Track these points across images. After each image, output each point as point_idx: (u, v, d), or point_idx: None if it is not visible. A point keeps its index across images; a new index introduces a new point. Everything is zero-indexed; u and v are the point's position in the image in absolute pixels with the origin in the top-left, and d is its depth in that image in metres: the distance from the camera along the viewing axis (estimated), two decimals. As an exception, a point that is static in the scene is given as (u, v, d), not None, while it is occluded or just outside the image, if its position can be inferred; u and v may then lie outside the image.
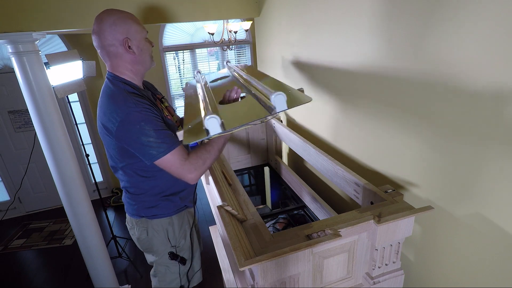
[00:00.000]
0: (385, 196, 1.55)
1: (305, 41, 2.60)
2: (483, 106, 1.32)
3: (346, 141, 2.29)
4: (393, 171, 1.89)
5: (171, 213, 1.98)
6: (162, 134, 1.63)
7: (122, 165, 1.82)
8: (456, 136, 1.46)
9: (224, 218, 1.39)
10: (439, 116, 1.52)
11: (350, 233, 1.37)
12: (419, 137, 1.67)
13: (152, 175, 1.86)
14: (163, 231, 1.99)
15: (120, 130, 1.61)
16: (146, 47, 1.77)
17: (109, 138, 1.69)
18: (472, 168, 1.43)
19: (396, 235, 1.43)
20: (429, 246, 1.75)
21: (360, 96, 2.04)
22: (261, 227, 1.41)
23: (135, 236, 2.03)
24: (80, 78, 3.67)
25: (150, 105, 1.70)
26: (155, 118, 1.66)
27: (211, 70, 7.49)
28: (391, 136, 1.85)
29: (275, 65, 3.38)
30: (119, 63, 1.75)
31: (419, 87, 1.59)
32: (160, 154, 1.62)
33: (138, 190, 1.91)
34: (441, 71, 1.45)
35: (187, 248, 2.08)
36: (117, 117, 1.60)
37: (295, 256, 1.27)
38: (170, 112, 1.98)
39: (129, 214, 2.02)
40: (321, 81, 2.48)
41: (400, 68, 1.68)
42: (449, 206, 1.58)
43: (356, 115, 2.13)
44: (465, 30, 1.33)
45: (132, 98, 1.65)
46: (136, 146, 1.63)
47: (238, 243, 1.27)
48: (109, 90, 1.72)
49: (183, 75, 7.41)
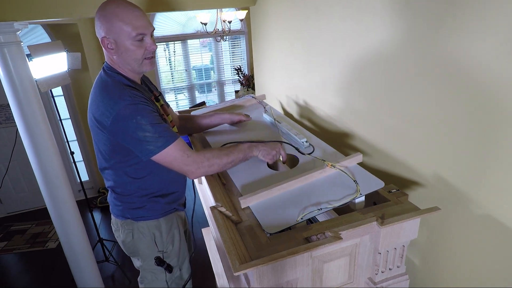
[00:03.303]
0: (389, 196, 1.54)
1: (305, 30, 2.59)
2: (501, 104, 1.32)
3: (347, 137, 2.29)
4: (398, 170, 1.89)
5: (158, 216, 1.97)
6: (159, 128, 1.63)
7: (113, 162, 1.81)
8: (468, 133, 1.46)
9: (218, 219, 1.39)
10: (450, 111, 1.52)
11: (352, 235, 1.36)
12: (426, 133, 1.66)
13: (142, 177, 1.86)
14: (150, 234, 1.98)
15: (115, 124, 1.61)
16: (132, 49, 1.69)
17: (102, 132, 1.69)
18: (483, 167, 1.43)
19: (401, 237, 1.42)
20: (435, 249, 1.75)
21: (365, 88, 2.03)
22: (257, 229, 1.40)
23: (120, 238, 2.02)
24: (65, 71, 3.65)
25: (147, 99, 1.70)
26: (152, 112, 1.65)
27: (203, 62, 7.47)
28: (394, 132, 1.85)
29: (272, 57, 3.37)
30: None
31: (435, 80, 1.58)
32: (158, 149, 1.62)
33: (125, 190, 1.90)
34: (460, 64, 1.45)
35: (175, 254, 2.07)
36: (112, 111, 1.59)
37: (293, 260, 1.26)
38: (165, 111, 1.97)
39: (114, 215, 2.01)
40: (323, 72, 2.47)
41: (413, 59, 1.67)
42: (457, 207, 1.57)
43: (358, 109, 2.12)
44: (488, 23, 1.33)
45: (128, 91, 1.64)
46: (132, 142, 1.63)
47: (233, 246, 1.26)
48: (104, 82, 1.71)
49: (174, 67, 7.40)
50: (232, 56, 7.86)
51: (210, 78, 7.90)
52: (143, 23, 1.67)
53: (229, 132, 2.32)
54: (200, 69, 7.77)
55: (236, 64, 7.71)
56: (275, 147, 1.81)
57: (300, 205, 1.47)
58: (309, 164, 1.79)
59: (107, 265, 4.42)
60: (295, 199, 1.52)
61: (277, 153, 1.80)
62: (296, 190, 1.58)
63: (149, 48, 1.72)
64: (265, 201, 1.54)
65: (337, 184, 1.58)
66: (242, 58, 7.90)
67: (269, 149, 1.79)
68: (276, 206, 1.50)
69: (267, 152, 1.78)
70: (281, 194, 1.57)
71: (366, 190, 1.50)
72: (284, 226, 1.37)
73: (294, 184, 1.60)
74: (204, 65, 7.77)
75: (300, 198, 1.53)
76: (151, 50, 1.73)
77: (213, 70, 7.86)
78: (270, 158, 1.79)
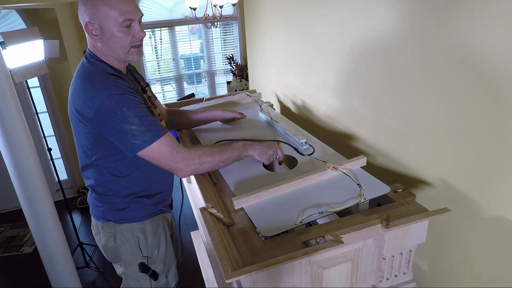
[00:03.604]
0: (395, 196, 1.54)
1: (304, 19, 2.58)
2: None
3: (349, 132, 2.29)
4: (404, 168, 1.88)
5: (143, 218, 1.96)
6: (146, 121, 1.62)
7: (95, 158, 1.80)
8: (480, 127, 1.45)
9: (208, 222, 1.38)
10: (458, 108, 1.51)
11: (354, 239, 1.36)
12: (435, 128, 1.66)
13: (126, 175, 1.85)
14: (133, 238, 1.96)
15: (98, 116, 1.60)
16: (119, 36, 1.68)
17: (83, 125, 1.68)
18: (498, 164, 1.42)
19: (407, 241, 1.42)
20: (445, 254, 1.75)
21: (367, 80, 2.03)
22: (251, 232, 1.40)
23: (101, 242, 2.01)
24: (42, 60, 3.64)
25: (133, 89, 1.69)
26: (139, 103, 1.65)
27: (193, 50, 7.46)
28: (400, 126, 1.85)
29: (267, 45, 3.36)
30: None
31: (441, 70, 1.58)
32: (144, 144, 1.61)
33: (107, 190, 1.89)
34: (468, 57, 1.44)
35: (161, 260, 2.06)
36: (95, 101, 1.58)
37: (290, 266, 1.26)
38: (152, 104, 1.96)
39: (95, 217, 2.00)
40: (321, 62, 2.47)
41: (418, 51, 1.67)
42: (469, 208, 1.57)
43: (360, 102, 2.12)
44: (494, 9, 1.32)
45: (112, 80, 1.63)
46: (116, 135, 1.62)
47: (224, 250, 1.25)
48: (86, 70, 1.69)
49: (161, 56, 7.38)
50: (224, 44, 7.83)
51: (199, 68, 7.89)
52: (131, 8, 1.66)
53: (222, 130, 2.31)
54: (189, 58, 7.75)
55: (228, 53, 7.69)
56: (272, 147, 1.80)
57: (299, 208, 1.47)
58: (309, 166, 1.78)
59: (87, 272, 4.41)
60: (294, 201, 1.52)
61: (274, 153, 1.80)
62: (295, 192, 1.58)
63: (137, 36, 1.71)
64: (260, 202, 1.53)
65: (339, 187, 1.58)
66: (235, 46, 7.88)
67: (266, 148, 1.78)
68: (273, 208, 1.49)
69: (263, 152, 1.77)
70: (279, 196, 1.56)
71: (370, 195, 1.50)
72: (282, 230, 1.36)
73: (293, 186, 1.59)
74: (193, 53, 7.75)
75: (299, 200, 1.52)
76: (139, 38, 1.72)
77: (203, 59, 7.84)
78: (267, 159, 1.78)
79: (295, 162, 1.84)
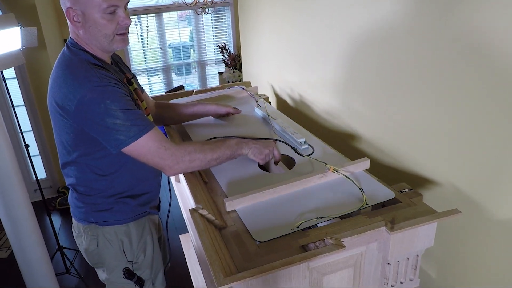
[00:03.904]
0: (400, 196, 1.54)
1: (302, 4, 2.58)
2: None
3: (350, 127, 2.28)
4: (410, 165, 1.88)
5: (128, 219, 1.96)
6: (132, 115, 1.62)
7: (77, 155, 1.79)
8: (493, 123, 1.45)
9: (198, 224, 1.37)
10: (471, 99, 1.51)
11: (356, 243, 1.36)
12: (443, 124, 1.66)
13: (110, 173, 1.85)
14: (117, 241, 1.96)
15: (80, 109, 1.59)
16: (102, 23, 1.66)
17: (64, 119, 1.67)
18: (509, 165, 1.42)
19: (414, 245, 1.42)
20: (455, 259, 1.75)
21: (369, 74, 2.03)
22: (245, 235, 1.39)
23: (83, 246, 2.01)
24: (18, 49, 3.62)
25: (118, 80, 1.68)
26: (124, 95, 1.64)
27: (182, 39, 7.44)
28: (406, 123, 1.85)
29: (262, 32, 3.36)
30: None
31: (451, 61, 1.57)
32: (130, 140, 1.60)
33: (89, 190, 1.88)
34: (477, 43, 1.44)
35: (147, 265, 2.06)
36: (77, 93, 1.57)
37: (287, 272, 1.25)
38: (139, 96, 1.95)
39: (76, 219, 1.99)
40: (319, 52, 2.46)
41: (424, 36, 1.66)
42: (481, 209, 1.57)
43: (363, 97, 2.12)
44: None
45: (96, 71, 1.62)
46: (99, 130, 1.61)
47: (216, 255, 1.25)
48: (67, 60, 1.68)
49: (147, 45, 7.36)
50: (216, 32, 7.82)
51: (189, 57, 7.88)
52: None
53: (214, 126, 2.31)
54: (178, 47, 7.73)
55: (220, 41, 7.67)
56: (268, 146, 1.80)
57: (296, 212, 1.47)
58: (307, 167, 1.79)
59: (68, 278, 4.40)
60: (291, 204, 1.52)
61: (270, 152, 1.80)
62: (292, 195, 1.58)
63: (122, 23, 1.70)
64: (255, 205, 1.53)
65: (339, 191, 1.59)
66: (227, 34, 7.87)
67: (262, 147, 1.78)
68: (268, 211, 1.49)
69: (258, 151, 1.77)
70: (275, 198, 1.56)
71: (373, 201, 1.51)
72: (277, 235, 1.36)
73: (291, 188, 1.59)
74: (182, 42, 7.74)
75: (297, 204, 1.52)
76: (124, 25, 1.71)
77: (193, 49, 7.83)
78: (262, 158, 1.78)
79: (293, 163, 1.84)
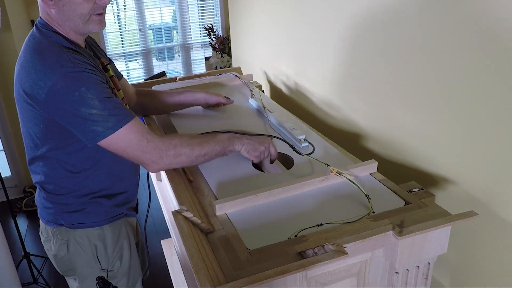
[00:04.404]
0: (410, 197, 1.54)
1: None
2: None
3: (352, 120, 2.28)
4: (420, 162, 1.88)
5: (102, 222, 1.95)
6: (109, 104, 1.61)
7: (46, 149, 1.79)
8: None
9: (182, 228, 1.37)
10: (487, 85, 1.51)
11: (360, 249, 1.35)
12: (459, 112, 1.65)
13: (84, 170, 1.85)
14: (90, 246, 1.96)
15: (51, 98, 1.58)
16: (77, 2, 1.66)
17: (33, 109, 1.66)
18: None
19: (425, 252, 1.42)
20: (471, 268, 1.76)
21: (375, 61, 2.03)
22: (235, 241, 1.39)
23: (51, 252, 2.00)
24: (-23, 30, 3.61)
25: (94, 66, 1.68)
26: (100, 82, 1.64)
27: (163, 19, 7.43)
28: (417, 111, 1.84)
29: (254, 12, 3.35)
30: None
31: (467, 45, 1.57)
32: (108, 131, 1.60)
33: (59, 188, 1.87)
34: (498, 26, 1.44)
35: (124, 273, 2.06)
36: (47, 80, 1.57)
37: (283, 282, 1.24)
38: (115, 85, 1.95)
39: (44, 221, 1.99)
40: (319, 37, 2.46)
41: (439, 16, 1.66)
42: (501, 212, 1.57)
43: (366, 82, 2.12)
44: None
45: (69, 55, 1.62)
46: (73, 121, 1.61)
47: (202, 263, 1.24)
48: (37, 43, 1.68)
49: (124, 26, 7.34)
50: (202, 12, 7.82)
51: (172, 40, 7.88)
52: None
53: (203, 117, 2.31)
54: (159, 29, 7.73)
55: (207, 22, 7.65)
56: (263, 142, 1.80)
57: (293, 218, 1.47)
58: (307, 168, 1.79)
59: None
60: (288, 209, 1.53)
61: (265, 149, 1.80)
62: (290, 199, 1.58)
63: (100, 2, 1.70)
64: (247, 208, 1.53)
65: (342, 196, 1.60)
66: (215, 14, 7.87)
67: (256, 144, 1.78)
68: (262, 215, 1.50)
69: (253, 148, 1.77)
70: (270, 202, 1.56)
71: (380, 209, 1.50)
72: (272, 242, 1.36)
73: (289, 191, 1.60)
74: (164, 23, 7.73)
75: (295, 209, 1.52)
76: (101, 5, 1.72)
77: (176, 30, 7.83)
78: (256, 156, 1.78)
79: (291, 162, 1.83)
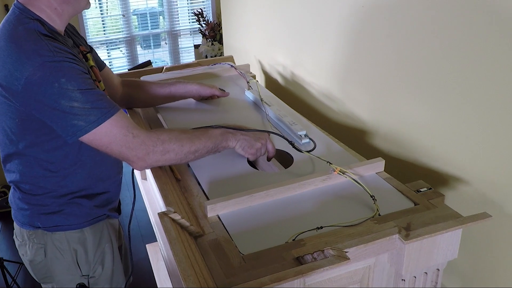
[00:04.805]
0: (417, 197, 1.55)
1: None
2: None
3: (356, 114, 2.29)
4: (429, 159, 1.89)
5: (82, 224, 1.95)
6: (92, 97, 1.60)
7: (22, 146, 1.78)
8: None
9: (169, 231, 1.37)
10: (503, 77, 1.51)
11: (363, 254, 1.36)
12: (472, 106, 1.66)
13: (63, 168, 1.84)
14: (70, 251, 1.95)
15: (28, 89, 1.57)
16: None
17: (8, 102, 1.65)
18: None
19: (434, 258, 1.42)
20: (483, 274, 1.76)
21: (377, 44, 2.03)
22: (227, 245, 1.39)
23: (27, 257, 2.00)
24: None
25: (75, 55, 1.67)
26: (82, 73, 1.63)
27: (149, 4, 7.42)
28: (426, 104, 1.85)
29: (249, 2, 3.35)
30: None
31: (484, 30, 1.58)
32: (90, 126, 1.59)
33: (36, 188, 1.87)
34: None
35: (106, 280, 2.06)
36: (24, 71, 1.55)
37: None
38: (96, 76, 1.94)
39: (19, 223, 1.98)
40: (318, 23, 2.46)
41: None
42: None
43: (370, 73, 2.12)
44: None
45: (47, 43, 1.60)
46: (52, 115, 1.60)
47: (191, 269, 1.24)
48: (12, 29, 1.66)
49: (106, 11, 7.32)
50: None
51: (158, 27, 7.87)
52: None
53: (195, 111, 2.30)
54: (144, 14, 7.72)
55: (196, 7, 7.65)
56: (260, 138, 1.80)
57: (291, 220, 1.47)
58: (308, 166, 1.79)
59: (9, 297, 4.40)
60: (286, 211, 1.52)
61: (262, 146, 1.80)
62: (288, 200, 1.58)
63: None
64: (241, 210, 1.53)
65: (346, 197, 1.60)
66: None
67: (252, 140, 1.78)
68: (257, 218, 1.50)
69: (248, 144, 1.77)
70: (267, 203, 1.56)
71: (386, 210, 1.51)
72: (267, 246, 1.36)
73: (287, 191, 1.59)
74: (149, 8, 7.73)
75: (293, 210, 1.53)
76: None
77: (162, 16, 7.82)
78: (252, 153, 1.78)
79: (291, 161, 1.83)
